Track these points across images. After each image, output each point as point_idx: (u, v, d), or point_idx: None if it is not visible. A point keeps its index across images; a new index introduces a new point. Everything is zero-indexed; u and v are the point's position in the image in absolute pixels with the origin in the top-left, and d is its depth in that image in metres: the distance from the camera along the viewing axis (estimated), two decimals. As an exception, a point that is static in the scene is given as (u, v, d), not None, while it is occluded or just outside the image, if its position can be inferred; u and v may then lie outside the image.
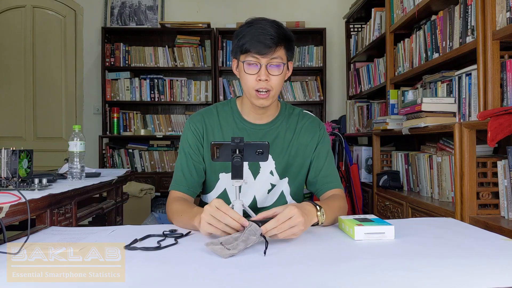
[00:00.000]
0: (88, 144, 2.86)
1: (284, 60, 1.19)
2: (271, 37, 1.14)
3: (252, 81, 1.18)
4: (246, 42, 1.16)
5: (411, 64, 2.46)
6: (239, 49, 1.19)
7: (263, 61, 1.16)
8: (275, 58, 1.16)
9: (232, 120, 1.30)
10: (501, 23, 1.64)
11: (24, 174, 1.34)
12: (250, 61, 1.17)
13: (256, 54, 1.15)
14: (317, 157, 1.31)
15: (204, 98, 4.02)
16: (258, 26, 1.16)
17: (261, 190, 1.30)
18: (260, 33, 1.14)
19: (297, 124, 1.32)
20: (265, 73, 1.16)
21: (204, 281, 0.70)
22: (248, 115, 1.30)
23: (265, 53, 1.15)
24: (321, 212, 1.03)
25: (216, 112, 1.31)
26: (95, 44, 4.10)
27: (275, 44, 1.15)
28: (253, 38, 1.14)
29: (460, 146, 1.67)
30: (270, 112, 1.30)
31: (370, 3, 3.38)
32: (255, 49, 1.15)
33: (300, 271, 0.74)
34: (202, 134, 1.29)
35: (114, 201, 1.96)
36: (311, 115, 1.38)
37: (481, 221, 1.55)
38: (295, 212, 0.92)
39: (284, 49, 1.18)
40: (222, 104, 1.34)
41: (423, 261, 0.79)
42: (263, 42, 1.14)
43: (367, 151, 3.14)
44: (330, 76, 4.17)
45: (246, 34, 1.16)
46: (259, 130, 1.29)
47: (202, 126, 1.29)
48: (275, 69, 1.18)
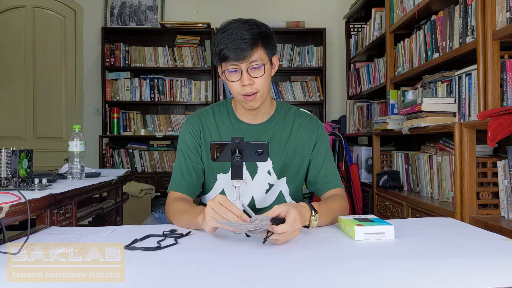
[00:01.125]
0: (88, 144, 2.86)
1: (265, 60, 1.18)
2: (245, 41, 1.13)
3: (237, 87, 1.18)
4: (223, 49, 1.15)
5: (411, 64, 2.46)
6: (218, 57, 1.18)
7: (243, 66, 1.15)
8: (254, 61, 1.15)
9: (228, 121, 1.30)
10: (501, 23, 1.64)
11: (24, 174, 1.34)
12: (230, 68, 1.16)
13: (234, 61, 1.14)
14: (316, 157, 1.30)
15: (204, 98, 4.02)
16: (231, 31, 1.15)
17: (259, 190, 1.30)
18: (234, 39, 1.13)
19: (293, 123, 1.31)
20: (248, 77, 1.16)
21: (204, 281, 0.70)
22: (243, 115, 1.30)
23: (242, 58, 1.14)
24: (314, 218, 1.02)
25: (212, 113, 1.32)
26: (95, 44, 4.10)
27: (251, 46, 1.14)
28: (229, 44, 1.13)
29: (460, 146, 1.67)
30: (264, 112, 1.30)
31: (370, 3, 3.38)
32: (232, 56, 1.14)
33: (300, 271, 0.74)
34: (200, 135, 1.29)
35: (114, 201, 1.96)
36: (308, 114, 1.37)
37: (481, 221, 1.55)
38: (297, 217, 0.93)
39: (262, 48, 1.17)
40: (218, 105, 1.34)
41: (423, 261, 0.79)
42: (239, 48, 1.13)
43: (367, 151, 3.14)
44: (330, 76, 4.17)
45: (221, 41, 1.15)
46: (254, 130, 1.29)
47: (199, 127, 1.29)
48: (256, 71, 1.17)
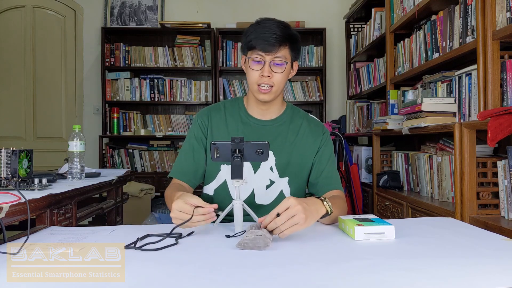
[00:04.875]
0: (88, 144, 2.86)
1: (288, 60, 1.25)
2: (275, 37, 1.20)
3: (256, 76, 1.25)
4: (252, 39, 1.22)
5: (411, 64, 2.46)
6: (246, 45, 1.26)
7: (267, 58, 1.23)
8: (278, 57, 1.23)
9: (238, 115, 1.36)
10: (501, 23, 1.64)
11: (24, 174, 1.34)
12: (255, 57, 1.24)
13: (260, 51, 1.22)
14: (319, 160, 1.34)
15: (204, 98, 4.02)
16: (264, 25, 1.23)
17: (260, 184, 1.31)
18: (265, 32, 1.21)
19: (301, 126, 1.36)
20: (268, 69, 1.23)
21: (204, 281, 0.70)
22: (253, 110, 1.35)
23: (269, 51, 1.21)
24: (327, 202, 1.03)
25: (223, 107, 1.38)
26: (95, 44, 4.10)
27: (279, 43, 1.21)
28: (259, 36, 1.21)
29: (460, 146, 1.67)
30: (274, 109, 1.35)
31: (370, 3, 3.38)
32: (260, 47, 1.21)
33: (300, 271, 0.74)
34: (207, 127, 1.35)
35: (114, 201, 1.96)
36: (316, 120, 1.42)
37: (481, 221, 1.55)
38: (291, 201, 0.93)
39: (288, 49, 1.25)
40: (230, 101, 1.41)
41: (423, 261, 0.79)
42: (268, 41, 1.20)
43: (367, 151, 3.14)
44: (330, 76, 4.17)
45: (253, 32, 1.23)
46: (262, 126, 1.34)
47: (208, 119, 1.35)
48: (278, 67, 1.24)
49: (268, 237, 0.88)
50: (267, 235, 0.88)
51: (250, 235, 0.88)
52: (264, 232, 0.89)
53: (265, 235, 0.88)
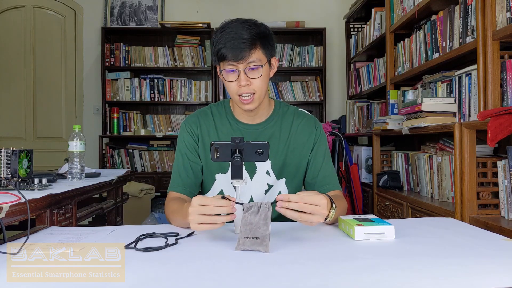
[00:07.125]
0: (88, 144, 2.86)
1: (263, 61, 1.17)
2: (244, 41, 1.12)
3: (234, 87, 1.17)
4: (221, 49, 1.13)
5: (411, 64, 2.46)
6: (216, 56, 1.17)
7: (241, 66, 1.14)
8: (252, 62, 1.14)
9: (227, 121, 1.30)
10: (501, 23, 1.64)
11: (24, 174, 1.34)
12: (228, 67, 1.15)
13: (231, 61, 1.13)
14: (315, 158, 1.30)
15: (204, 98, 4.02)
16: (230, 30, 1.14)
17: (258, 190, 1.30)
18: (232, 38, 1.12)
19: (292, 123, 1.31)
20: (245, 78, 1.15)
21: (204, 281, 0.70)
22: (241, 116, 1.30)
23: (240, 58, 1.12)
24: (334, 210, 1.01)
25: (210, 113, 1.31)
26: (95, 44, 4.10)
27: (249, 47, 1.13)
28: (227, 44, 1.12)
29: (460, 146, 1.67)
30: (262, 112, 1.29)
31: (370, 3, 3.38)
32: (230, 56, 1.12)
33: (300, 271, 0.74)
34: (197, 135, 1.29)
35: (114, 201, 1.96)
36: (307, 114, 1.36)
37: (481, 221, 1.55)
38: (324, 203, 0.94)
39: (261, 49, 1.16)
40: (216, 105, 1.34)
41: (423, 261, 0.79)
42: (237, 48, 1.11)
43: (367, 151, 3.14)
44: (330, 76, 4.17)
45: (220, 40, 1.14)
46: (253, 130, 1.29)
47: (197, 127, 1.29)
48: (254, 72, 1.16)
49: (267, 241, 0.87)
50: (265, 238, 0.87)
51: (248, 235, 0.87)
52: (262, 235, 0.87)
53: (264, 238, 0.87)
